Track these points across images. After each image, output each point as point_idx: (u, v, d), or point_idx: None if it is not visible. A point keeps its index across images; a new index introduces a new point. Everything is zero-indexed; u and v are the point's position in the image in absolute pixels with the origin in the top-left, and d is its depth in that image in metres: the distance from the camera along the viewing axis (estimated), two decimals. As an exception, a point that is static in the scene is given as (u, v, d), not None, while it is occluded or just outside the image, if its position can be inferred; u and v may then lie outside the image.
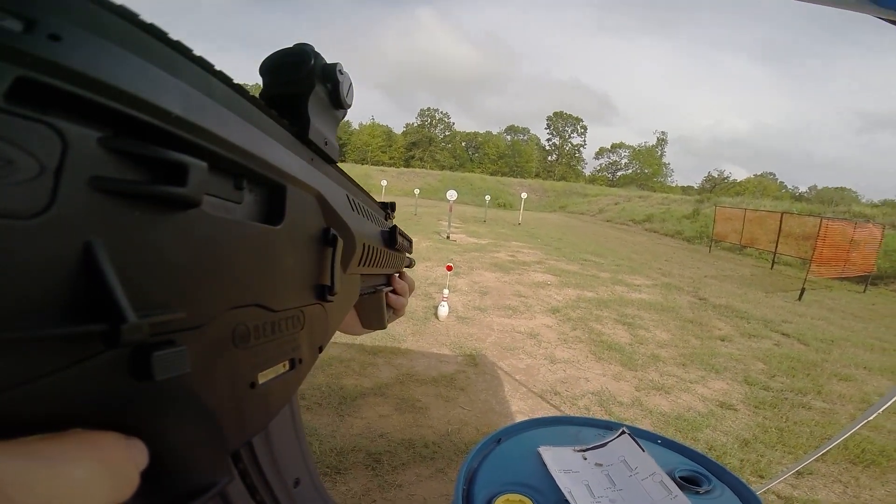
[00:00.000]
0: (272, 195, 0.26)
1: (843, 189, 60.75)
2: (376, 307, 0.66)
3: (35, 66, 0.11)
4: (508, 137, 72.00)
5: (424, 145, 68.06)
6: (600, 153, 73.83)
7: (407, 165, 60.49)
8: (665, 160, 72.00)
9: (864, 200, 50.50)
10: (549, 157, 73.47)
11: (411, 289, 0.74)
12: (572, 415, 3.11)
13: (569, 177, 67.86)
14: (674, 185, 70.61)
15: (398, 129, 70.48)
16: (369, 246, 0.45)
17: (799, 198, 54.60)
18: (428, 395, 3.16)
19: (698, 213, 21.11)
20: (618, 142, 73.91)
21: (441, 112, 72.64)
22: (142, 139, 0.16)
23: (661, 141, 71.68)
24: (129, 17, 0.15)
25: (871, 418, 1.90)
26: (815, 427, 3.32)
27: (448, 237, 10.82)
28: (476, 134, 72.00)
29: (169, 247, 0.17)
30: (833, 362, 4.83)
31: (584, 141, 73.90)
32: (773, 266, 13.01)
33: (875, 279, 11.27)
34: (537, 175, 65.43)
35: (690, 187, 67.24)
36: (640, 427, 1.20)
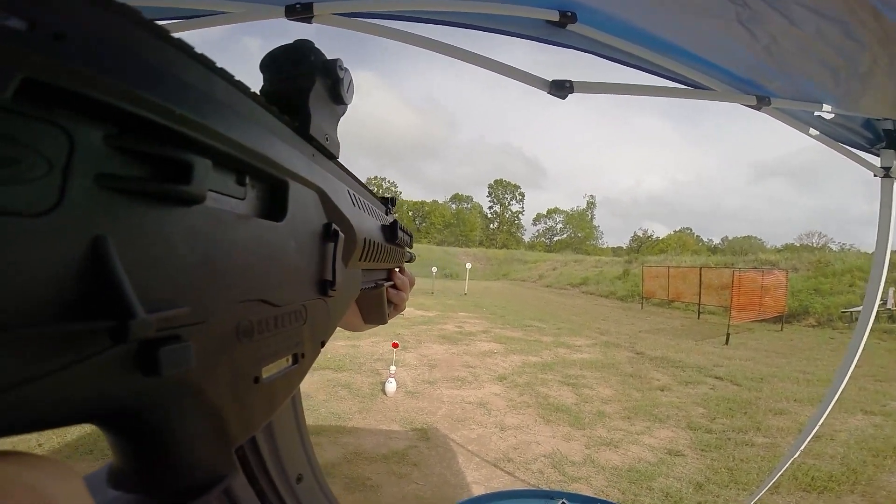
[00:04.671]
0: (274, 191, 0.26)
1: (750, 237, 67.01)
2: (377, 302, 0.65)
3: (40, 66, 0.11)
4: (454, 206, 74.48)
5: (370, 217, 67.90)
6: (537, 219, 77.99)
7: (353, 239, 59.88)
8: (595, 223, 77.32)
9: (769, 246, 55.96)
10: (492, 225, 76.40)
11: (412, 283, 0.73)
12: (527, 479, 3.07)
13: (510, 244, 70.50)
14: (605, 246, 75.17)
15: (342, 200, 70.32)
16: (370, 241, 0.45)
17: (714, 250, 59.43)
18: (379, 473, 3.03)
19: (628, 273, 22.49)
20: (552, 207, 78.82)
21: (388, 181, 74.32)
22: (146, 137, 0.16)
23: (591, 204, 77.16)
24: (130, 15, 0.15)
25: (802, 447, 2.08)
26: (762, 462, 3.49)
27: (394, 311, 10.72)
28: (423, 203, 73.62)
29: (174, 243, 0.17)
30: (766, 398, 5.16)
31: (523, 207, 78.06)
32: (699, 316, 13.96)
33: (789, 318, 12.39)
34: (481, 243, 67.47)
35: (620, 247, 71.65)
36: (580, 492, 1.22)
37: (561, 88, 1.27)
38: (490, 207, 77.66)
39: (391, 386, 4.65)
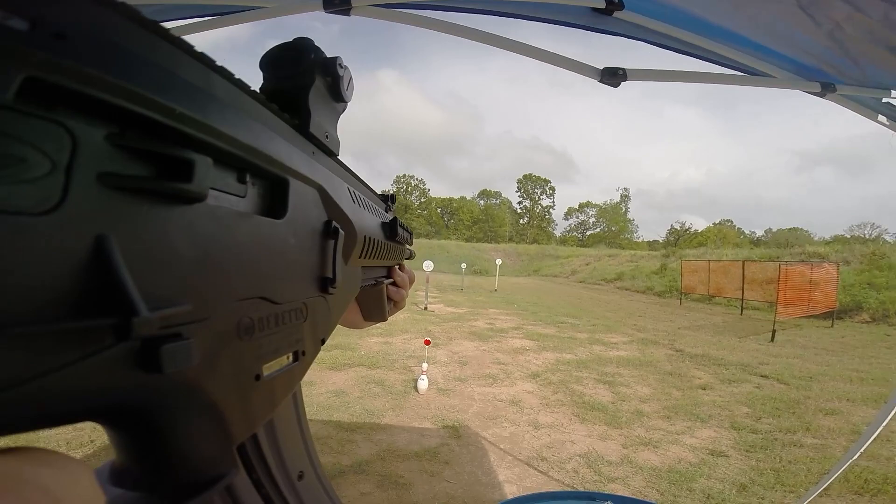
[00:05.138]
0: (275, 189, 0.27)
1: (796, 229, 63.22)
2: (377, 299, 0.65)
3: (42, 65, 0.11)
4: (482, 202, 73.91)
5: (400, 213, 68.20)
6: (569, 213, 76.42)
7: (382, 237, 60.85)
8: (630, 216, 75.10)
9: (816, 239, 52.92)
10: (521, 220, 75.48)
11: (412, 281, 0.73)
12: (561, 479, 3.02)
13: (541, 239, 69.37)
14: (640, 240, 72.99)
15: (372, 199, 71.47)
16: (370, 238, 0.45)
17: (757, 242, 56.55)
18: (411, 471, 3.04)
19: (666, 268, 21.82)
20: (584, 201, 76.90)
21: (416, 178, 74.51)
22: (148, 135, 0.16)
23: (625, 197, 74.98)
24: (131, 14, 0.15)
25: (863, 448, 1.95)
26: (811, 463, 3.32)
27: (426, 308, 10.78)
28: (451, 199, 73.48)
29: (176, 241, 0.17)
30: (815, 398, 4.90)
31: (553, 202, 76.62)
32: (742, 312, 13.39)
33: (840, 313, 11.73)
34: (510, 239, 66.80)
35: (656, 241, 69.21)
36: (624, 494, 1.19)
37: (613, 76, 1.21)
38: (519, 202, 76.57)
39: (423, 383, 4.67)
